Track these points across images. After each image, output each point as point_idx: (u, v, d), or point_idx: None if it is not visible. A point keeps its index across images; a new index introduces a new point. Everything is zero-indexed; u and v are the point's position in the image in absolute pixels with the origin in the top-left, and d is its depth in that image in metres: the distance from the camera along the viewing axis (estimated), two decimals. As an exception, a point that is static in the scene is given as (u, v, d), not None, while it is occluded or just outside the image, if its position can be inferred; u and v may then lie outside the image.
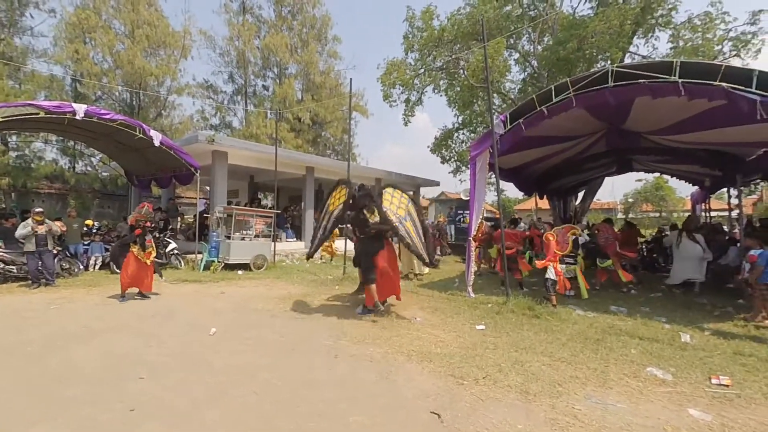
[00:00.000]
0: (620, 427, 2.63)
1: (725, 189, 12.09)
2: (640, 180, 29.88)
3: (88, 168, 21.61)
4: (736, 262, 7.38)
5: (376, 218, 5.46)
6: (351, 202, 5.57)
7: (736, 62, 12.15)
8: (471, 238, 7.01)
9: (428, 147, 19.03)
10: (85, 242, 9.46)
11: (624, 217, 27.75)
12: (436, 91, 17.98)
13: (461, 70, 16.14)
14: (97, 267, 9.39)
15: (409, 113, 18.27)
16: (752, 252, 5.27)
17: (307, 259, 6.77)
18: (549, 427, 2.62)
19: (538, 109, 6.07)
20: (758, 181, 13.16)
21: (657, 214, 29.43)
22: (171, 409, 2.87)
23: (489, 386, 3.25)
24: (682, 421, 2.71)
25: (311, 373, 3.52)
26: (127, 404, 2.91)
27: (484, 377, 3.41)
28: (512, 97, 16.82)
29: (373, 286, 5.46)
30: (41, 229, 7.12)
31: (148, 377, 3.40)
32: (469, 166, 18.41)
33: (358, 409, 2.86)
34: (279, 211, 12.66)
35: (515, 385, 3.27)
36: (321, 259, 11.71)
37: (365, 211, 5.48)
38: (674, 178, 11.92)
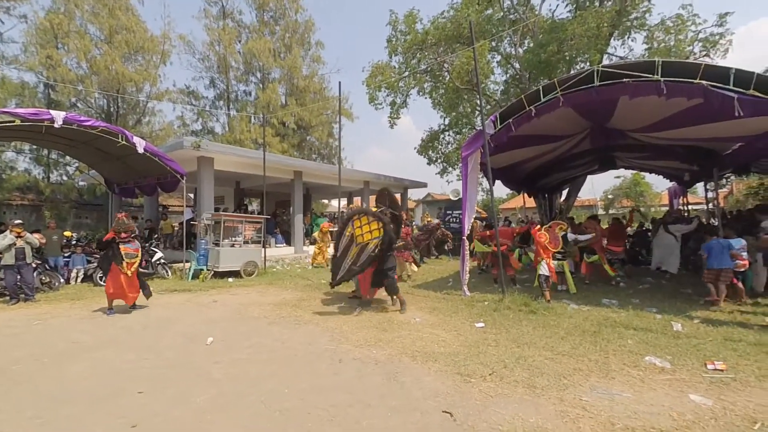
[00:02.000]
0: (628, 415, 2.69)
1: (700, 183, 12.62)
2: (618, 177, 30.88)
3: (64, 177, 20.82)
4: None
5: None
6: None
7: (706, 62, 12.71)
8: (465, 238, 7.06)
9: (415, 149, 19.20)
10: (66, 254, 9.09)
11: (605, 212, 28.59)
12: (420, 93, 18.15)
13: (446, 73, 16.35)
14: (79, 280, 9.02)
15: (395, 116, 18.39)
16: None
17: (332, 287, 6.37)
18: (560, 419, 2.66)
19: (527, 108, 6.19)
20: (730, 175, 13.76)
21: (637, 209, 30.36)
22: (175, 422, 2.77)
23: (496, 382, 3.27)
24: (685, 407, 2.80)
25: (317, 378, 3.46)
26: (128, 420, 2.80)
27: (490, 374, 3.44)
28: (496, 98, 17.14)
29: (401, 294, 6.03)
30: (20, 242, 6.81)
31: (147, 391, 3.28)
32: (455, 167, 18.59)
33: (370, 412, 2.83)
34: (269, 217, 12.47)
35: (522, 380, 3.31)
36: (313, 264, 11.59)
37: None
38: (654, 174, 12.34)
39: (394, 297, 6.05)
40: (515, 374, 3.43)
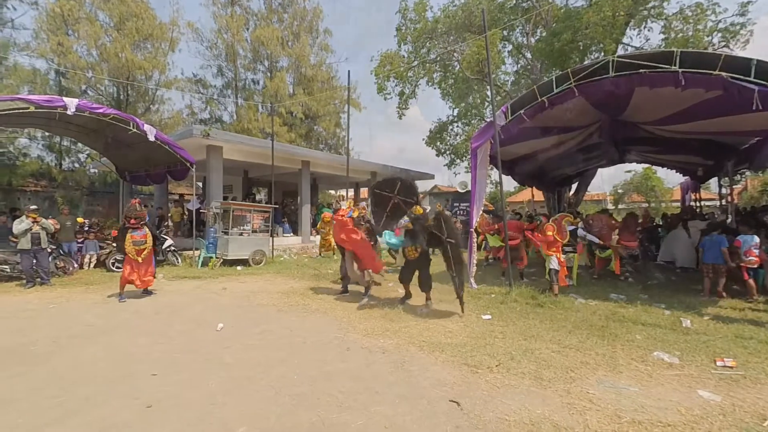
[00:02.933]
0: (635, 409, 2.70)
1: (713, 178, 12.36)
2: (629, 171, 30.34)
3: (76, 165, 21.07)
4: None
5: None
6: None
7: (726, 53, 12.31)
8: (473, 230, 7.04)
9: (423, 140, 19.08)
10: (79, 240, 9.27)
11: (614, 207, 28.24)
12: (429, 83, 17.93)
13: (455, 62, 16.11)
14: (92, 265, 9.22)
15: (403, 106, 18.24)
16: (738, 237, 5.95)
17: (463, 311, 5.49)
18: (567, 411, 2.68)
19: (540, 99, 6.09)
20: (744, 170, 13.46)
21: (646, 205, 29.96)
22: (188, 404, 2.85)
23: (503, 374, 3.30)
24: (693, 402, 2.79)
25: (326, 365, 3.52)
26: (143, 401, 2.88)
27: (497, 365, 3.46)
28: (506, 89, 16.88)
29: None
30: (36, 227, 6.96)
31: (160, 374, 3.36)
32: (463, 158, 18.42)
33: (379, 399, 2.88)
34: (276, 206, 12.55)
35: (528, 372, 3.33)
36: (320, 254, 11.67)
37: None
38: (667, 168, 12.12)
39: (427, 294, 5.67)
40: (522, 366, 3.44)
